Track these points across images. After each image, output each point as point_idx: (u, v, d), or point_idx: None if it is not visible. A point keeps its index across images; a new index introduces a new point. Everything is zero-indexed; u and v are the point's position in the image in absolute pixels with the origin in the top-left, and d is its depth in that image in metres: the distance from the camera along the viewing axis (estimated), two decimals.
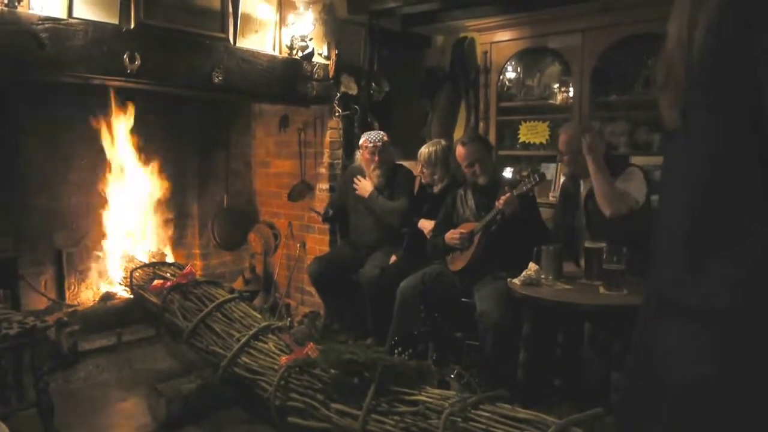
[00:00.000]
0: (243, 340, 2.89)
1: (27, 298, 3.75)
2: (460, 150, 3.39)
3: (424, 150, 3.78)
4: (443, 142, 3.86)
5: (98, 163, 4.22)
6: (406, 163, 4.13)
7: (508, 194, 3.07)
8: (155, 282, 3.53)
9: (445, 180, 3.74)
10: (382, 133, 3.97)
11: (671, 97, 0.87)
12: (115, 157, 4.28)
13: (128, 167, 4.37)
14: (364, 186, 3.96)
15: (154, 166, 4.52)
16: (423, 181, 3.91)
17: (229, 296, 3.26)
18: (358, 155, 4.17)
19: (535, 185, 3.13)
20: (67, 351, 3.51)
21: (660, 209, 0.95)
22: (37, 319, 2.55)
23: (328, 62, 4.34)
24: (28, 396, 2.83)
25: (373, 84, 4.64)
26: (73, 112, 4.01)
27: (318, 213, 4.36)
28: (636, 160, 3.61)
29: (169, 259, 4.50)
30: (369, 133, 4.00)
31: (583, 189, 3.15)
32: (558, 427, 1.88)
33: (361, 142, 4.00)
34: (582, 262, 3.01)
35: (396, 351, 3.06)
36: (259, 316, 3.14)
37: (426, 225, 3.70)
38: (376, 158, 3.89)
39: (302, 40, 4.11)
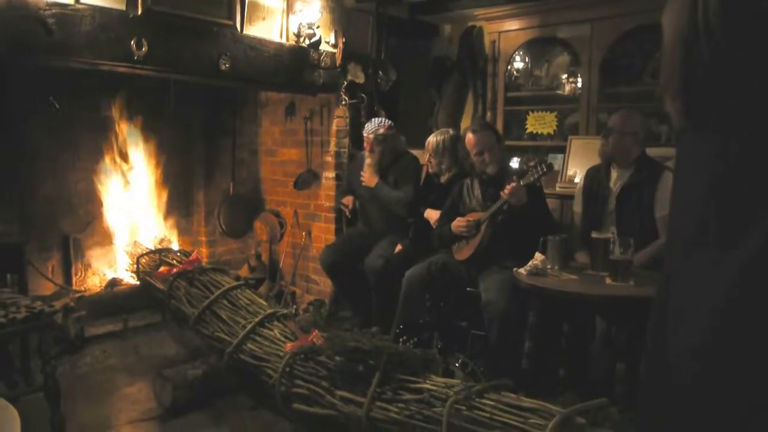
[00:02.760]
0: (249, 327, 2.90)
1: (34, 283, 3.77)
2: (470, 137, 3.37)
3: (432, 139, 3.77)
4: (451, 131, 3.84)
5: (105, 150, 4.23)
6: (413, 152, 4.12)
7: (514, 184, 3.06)
8: (161, 268, 3.54)
9: (453, 170, 3.73)
10: (381, 122, 3.94)
11: (673, 95, 0.87)
12: (122, 145, 4.29)
13: (135, 154, 4.38)
14: (369, 176, 3.96)
15: (160, 153, 4.54)
16: (430, 170, 3.89)
17: (235, 283, 3.27)
18: None
19: (542, 175, 3.11)
20: (74, 336, 3.54)
21: (674, 204, 0.94)
22: (45, 304, 2.56)
23: (335, 50, 4.32)
24: (35, 380, 2.86)
25: (381, 73, 4.62)
26: (80, 99, 4.01)
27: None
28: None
29: (175, 246, 4.52)
30: (371, 120, 4.01)
31: (615, 178, 3.12)
32: (562, 417, 1.88)
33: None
34: None
35: (401, 339, 3.07)
36: (264, 303, 3.14)
37: (432, 215, 3.70)
38: (367, 146, 3.93)
39: (309, 28, 4.09)
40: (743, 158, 0.80)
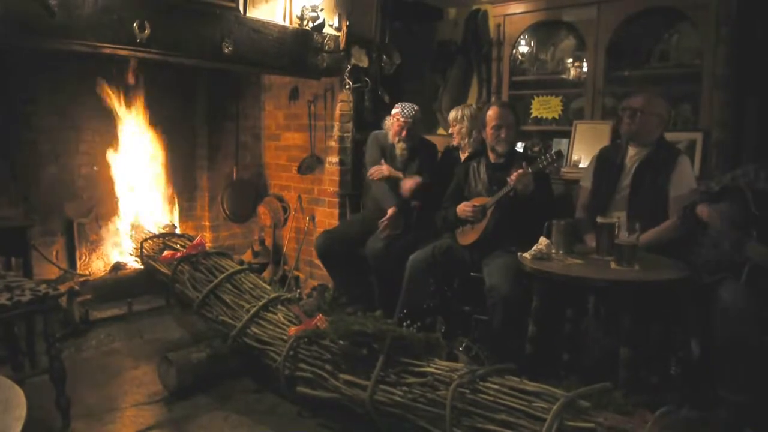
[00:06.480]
0: (253, 310, 2.91)
1: (39, 267, 3.78)
2: (494, 110, 3.32)
3: (458, 111, 3.81)
4: (473, 105, 3.91)
5: (109, 134, 4.22)
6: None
7: (522, 170, 3.04)
8: (165, 253, 3.54)
9: (476, 145, 3.72)
10: (416, 107, 3.85)
11: None
12: (125, 129, 4.28)
13: (138, 139, 4.37)
14: (381, 170, 3.88)
15: (164, 137, 4.52)
16: (454, 143, 3.87)
17: (239, 267, 3.27)
18: (388, 122, 3.98)
19: (550, 164, 3.09)
20: (79, 319, 3.56)
21: None
22: (49, 287, 2.56)
23: (338, 34, 4.28)
24: (40, 362, 2.88)
25: (385, 57, 4.58)
26: (83, 82, 4.00)
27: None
28: None
29: (179, 231, 4.53)
30: (404, 105, 3.85)
31: (632, 155, 3.08)
32: (566, 400, 1.88)
33: (394, 111, 3.88)
34: None
35: (405, 324, 3.07)
36: (268, 287, 3.15)
37: (408, 183, 3.73)
38: (404, 133, 3.82)
39: (313, 11, 4.06)
40: None
